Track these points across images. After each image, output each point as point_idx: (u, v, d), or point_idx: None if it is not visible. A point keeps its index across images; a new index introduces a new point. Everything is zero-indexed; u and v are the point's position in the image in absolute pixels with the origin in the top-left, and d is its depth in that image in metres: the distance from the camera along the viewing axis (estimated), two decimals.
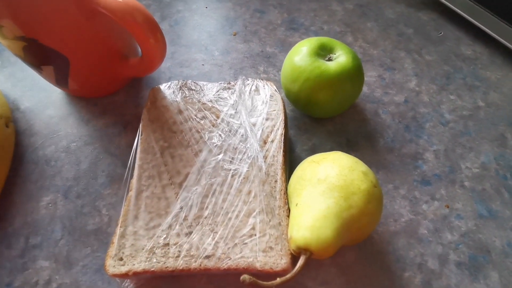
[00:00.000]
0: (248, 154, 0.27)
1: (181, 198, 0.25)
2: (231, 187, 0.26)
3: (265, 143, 0.28)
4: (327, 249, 0.20)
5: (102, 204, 0.29)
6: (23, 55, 0.28)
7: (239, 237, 0.23)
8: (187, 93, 0.31)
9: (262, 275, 0.22)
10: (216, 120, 0.29)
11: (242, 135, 0.28)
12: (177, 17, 0.43)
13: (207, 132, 0.28)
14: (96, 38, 0.28)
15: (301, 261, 0.21)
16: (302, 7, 0.45)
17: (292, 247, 0.22)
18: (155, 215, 0.25)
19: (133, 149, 0.28)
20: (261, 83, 0.31)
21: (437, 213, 0.29)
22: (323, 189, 0.22)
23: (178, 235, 0.24)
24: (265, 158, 0.27)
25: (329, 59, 0.30)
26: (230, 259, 0.22)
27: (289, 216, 0.25)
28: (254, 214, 0.24)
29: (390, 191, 0.30)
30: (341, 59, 0.29)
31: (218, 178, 0.26)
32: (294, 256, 0.23)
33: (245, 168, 0.26)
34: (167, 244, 0.23)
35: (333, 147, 0.33)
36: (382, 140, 0.34)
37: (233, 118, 0.29)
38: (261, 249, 0.23)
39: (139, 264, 0.22)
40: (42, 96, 0.35)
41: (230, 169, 0.26)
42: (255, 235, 0.24)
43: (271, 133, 0.28)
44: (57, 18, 0.25)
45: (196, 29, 0.42)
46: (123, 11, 0.25)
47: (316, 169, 0.24)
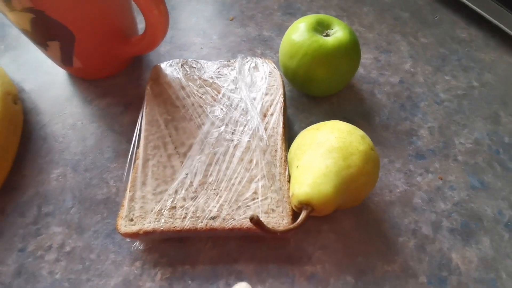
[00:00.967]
0: (249, 126, 0.28)
1: (186, 165, 0.26)
2: (233, 156, 0.27)
3: (265, 116, 0.29)
4: (327, 204, 0.22)
5: (110, 176, 0.30)
6: (30, 29, 0.29)
7: (242, 200, 0.25)
8: (188, 70, 0.32)
9: (264, 235, 0.24)
10: (217, 95, 0.30)
11: (243, 108, 0.29)
12: (174, 2, 0.44)
13: (209, 106, 0.30)
14: (101, 14, 0.29)
15: (303, 214, 0.22)
16: None
17: (294, 203, 0.23)
18: (161, 181, 0.26)
19: (138, 122, 0.29)
20: (260, 61, 0.32)
21: (431, 184, 0.31)
22: (322, 151, 0.23)
23: (184, 199, 0.25)
24: (266, 130, 0.28)
25: (327, 35, 0.31)
26: (234, 219, 0.24)
27: (289, 182, 0.26)
28: (256, 179, 0.26)
29: (385, 165, 0.32)
30: (338, 34, 0.30)
31: (221, 148, 0.27)
32: (295, 217, 0.24)
33: (247, 138, 0.27)
34: (174, 207, 0.25)
35: None
36: (378, 118, 0.35)
37: (233, 93, 0.30)
38: (263, 211, 0.24)
39: (149, 224, 0.24)
40: (46, 79, 0.36)
41: (232, 140, 0.28)
42: (257, 198, 0.25)
43: (270, 106, 0.29)
44: None
45: (194, 14, 0.43)
46: None
47: (316, 135, 0.25)
